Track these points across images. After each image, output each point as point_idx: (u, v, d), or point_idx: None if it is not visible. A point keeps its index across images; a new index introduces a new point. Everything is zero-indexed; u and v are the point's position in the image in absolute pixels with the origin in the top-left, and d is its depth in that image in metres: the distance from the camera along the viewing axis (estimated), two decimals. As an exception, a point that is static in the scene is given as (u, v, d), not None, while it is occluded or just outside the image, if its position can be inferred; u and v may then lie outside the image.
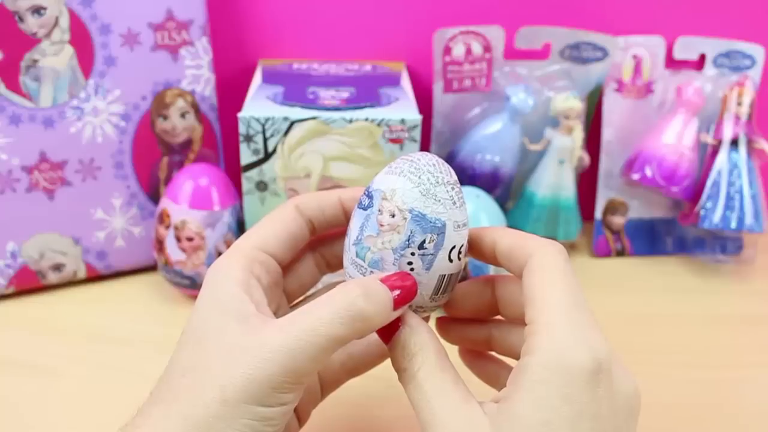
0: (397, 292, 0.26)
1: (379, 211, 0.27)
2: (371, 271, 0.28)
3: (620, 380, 0.25)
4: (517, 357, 0.30)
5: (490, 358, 0.33)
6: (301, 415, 0.33)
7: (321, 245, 0.33)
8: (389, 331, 0.27)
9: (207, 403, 0.24)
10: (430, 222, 0.27)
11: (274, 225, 0.30)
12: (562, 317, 0.25)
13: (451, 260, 0.28)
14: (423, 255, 0.27)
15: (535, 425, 0.23)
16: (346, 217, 0.31)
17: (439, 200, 0.27)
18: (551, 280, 0.26)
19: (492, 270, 0.47)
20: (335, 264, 0.33)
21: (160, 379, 0.27)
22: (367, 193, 0.28)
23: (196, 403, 0.25)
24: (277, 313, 0.30)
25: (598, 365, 0.24)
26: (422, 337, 0.27)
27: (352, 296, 0.25)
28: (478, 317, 0.32)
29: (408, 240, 0.27)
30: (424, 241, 0.27)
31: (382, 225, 0.27)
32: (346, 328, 0.25)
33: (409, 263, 0.27)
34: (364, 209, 0.28)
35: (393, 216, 0.27)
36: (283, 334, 0.25)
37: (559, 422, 0.23)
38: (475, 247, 0.30)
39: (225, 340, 0.25)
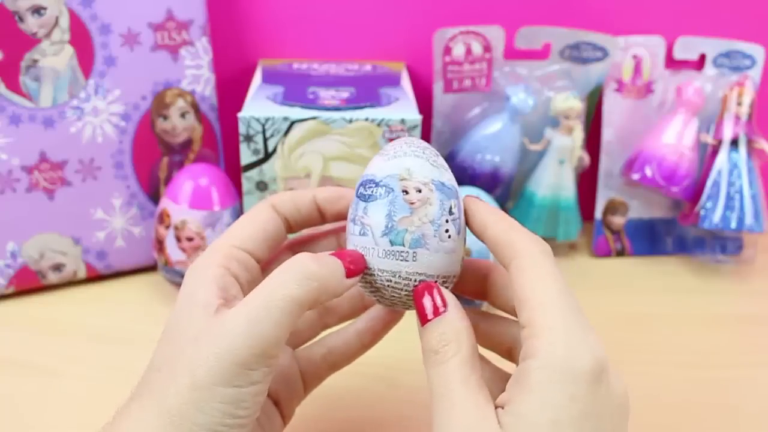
0: (348, 264, 0.27)
1: (404, 191, 0.28)
2: (414, 253, 0.28)
3: (616, 382, 0.25)
4: (500, 351, 0.31)
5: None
6: (284, 411, 0.33)
7: (300, 247, 0.33)
8: (431, 310, 0.27)
9: (179, 390, 0.25)
10: (449, 188, 0.29)
11: (252, 224, 0.30)
12: (561, 320, 0.25)
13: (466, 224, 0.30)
14: (453, 220, 0.28)
15: (544, 425, 0.23)
16: (321, 216, 0.32)
17: (446, 169, 0.29)
18: (543, 282, 0.26)
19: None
20: None
21: (139, 380, 0.27)
22: (372, 183, 0.28)
23: (169, 392, 0.25)
24: None
25: (600, 366, 0.24)
26: (463, 326, 0.27)
27: (303, 260, 0.26)
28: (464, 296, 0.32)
29: (441, 208, 0.28)
30: (451, 207, 0.28)
31: (413, 203, 0.28)
32: (301, 288, 0.26)
33: (447, 231, 0.28)
34: (382, 198, 0.28)
35: (420, 191, 0.28)
36: (242, 307, 0.26)
37: (566, 421, 0.24)
38: (468, 221, 0.30)
39: (193, 328, 0.26)
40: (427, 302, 0.27)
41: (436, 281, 0.28)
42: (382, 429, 0.40)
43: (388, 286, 0.28)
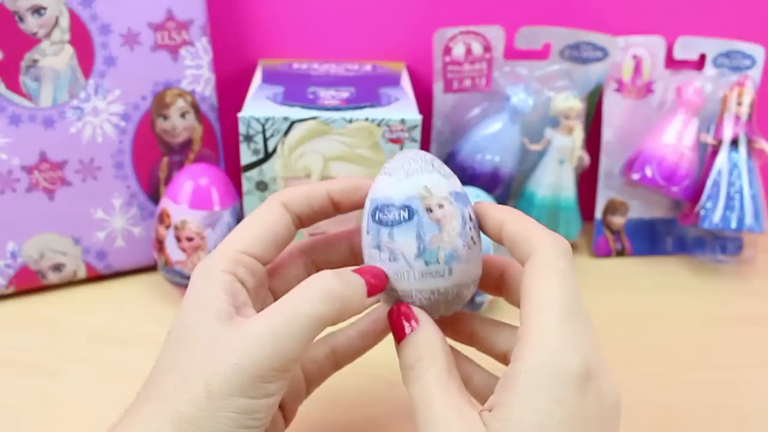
0: (369, 280, 0.27)
1: (428, 210, 0.28)
2: (449, 268, 0.28)
3: (606, 386, 0.25)
4: (495, 355, 0.31)
5: (465, 358, 0.33)
6: (286, 413, 0.33)
7: (312, 250, 0.33)
8: (403, 328, 0.28)
9: (193, 398, 0.25)
10: (462, 195, 0.29)
11: (259, 225, 0.30)
12: (556, 322, 0.25)
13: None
14: (473, 226, 0.29)
15: (530, 429, 0.24)
16: (336, 208, 0.31)
17: (453, 176, 0.29)
18: (549, 281, 0.26)
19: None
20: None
21: (146, 380, 0.27)
22: (391, 207, 0.28)
23: (183, 399, 0.25)
24: None
25: (588, 371, 0.24)
26: (435, 340, 0.27)
27: (328, 278, 0.26)
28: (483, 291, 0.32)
29: (462, 218, 0.28)
30: (469, 214, 0.29)
31: (439, 220, 0.28)
32: (325, 307, 0.26)
33: (471, 238, 0.28)
34: (407, 221, 0.28)
35: (442, 206, 0.28)
36: (265, 320, 0.25)
37: (553, 426, 0.24)
38: (481, 223, 0.30)
39: (208, 335, 0.26)
40: (399, 322, 0.28)
41: (467, 286, 0.29)
42: (382, 429, 0.40)
43: (428, 304, 0.29)
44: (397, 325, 0.28)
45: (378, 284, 0.28)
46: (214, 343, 0.25)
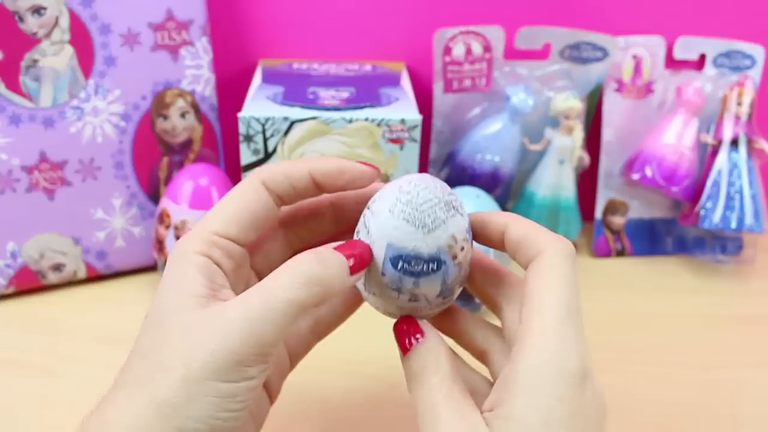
0: (352, 260, 0.27)
1: (454, 257, 0.27)
2: (458, 288, 0.29)
3: (597, 385, 0.26)
4: (474, 351, 0.31)
5: (464, 364, 0.32)
6: (271, 391, 0.32)
7: (294, 222, 0.32)
8: (409, 341, 0.28)
9: (170, 383, 0.24)
10: (468, 219, 0.29)
11: (237, 205, 0.29)
12: (556, 323, 0.25)
13: None
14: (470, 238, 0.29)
15: (535, 427, 0.24)
16: (319, 188, 0.30)
17: (460, 201, 0.28)
18: (553, 283, 0.26)
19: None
20: (309, 245, 0.32)
21: (123, 365, 0.27)
22: (419, 261, 0.27)
23: (160, 384, 0.24)
24: None
25: (585, 370, 0.25)
26: (440, 349, 0.28)
27: (308, 262, 0.26)
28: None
29: (471, 244, 0.29)
30: (470, 231, 0.29)
31: (461, 263, 0.28)
32: (305, 291, 0.25)
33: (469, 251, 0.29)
34: (435, 272, 0.27)
35: (464, 249, 0.28)
36: (243, 304, 0.25)
37: (555, 422, 0.24)
38: (479, 231, 0.30)
39: (184, 319, 0.25)
40: (404, 338, 0.28)
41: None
42: (382, 429, 0.40)
43: (433, 313, 0.30)
44: (402, 339, 0.28)
45: (361, 262, 0.27)
46: (191, 328, 0.25)
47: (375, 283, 0.28)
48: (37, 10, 0.45)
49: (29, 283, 0.50)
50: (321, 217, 0.32)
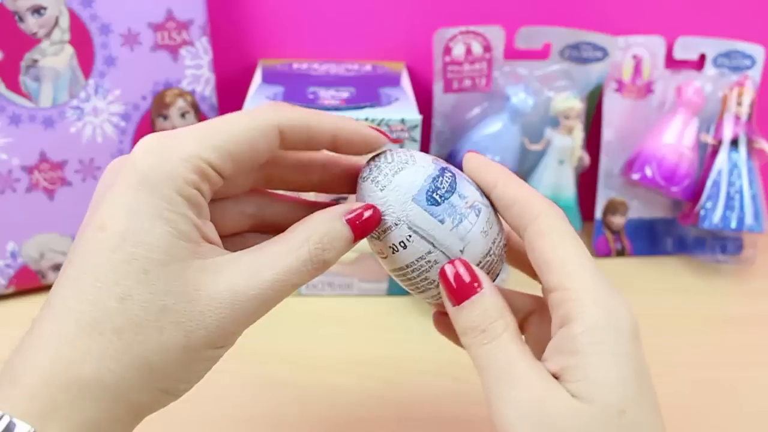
0: (357, 225, 0.26)
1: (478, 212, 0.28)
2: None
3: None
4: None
5: None
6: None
7: (262, 200, 0.30)
8: (464, 294, 0.26)
9: (167, 348, 0.23)
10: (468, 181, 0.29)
11: (242, 145, 0.25)
12: (592, 282, 0.25)
13: None
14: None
15: (613, 383, 0.24)
16: (330, 149, 0.28)
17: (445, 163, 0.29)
18: (564, 245, 0.26)
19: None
20: (271, 226, 0.30)
21: (60, 279, 0.25)
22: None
23: (158, 348, 0.23)
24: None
25: (636, 322, 0.25)
26: (503, 302, 0.26)
27: (318, 248, 0.25)
28: None
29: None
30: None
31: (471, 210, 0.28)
32: (310, 275, 0.26)
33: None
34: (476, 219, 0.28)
35: (472, 204, 0.28)
36: (255, 281, 0.24)
37: (629, 377, 0.24)
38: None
39: (179, 270, 0.23)
40: (463, 282, 0.26)
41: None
42: (382, 429, 0.40)
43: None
44: (459, 284, 0.26)
45: (367, 226, 0.27)
46: (196, 293, 0.24)
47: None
48: (37, 10, 0.45)
49: (29, 283, 0.50)
50: (309, 173, 0.30)
